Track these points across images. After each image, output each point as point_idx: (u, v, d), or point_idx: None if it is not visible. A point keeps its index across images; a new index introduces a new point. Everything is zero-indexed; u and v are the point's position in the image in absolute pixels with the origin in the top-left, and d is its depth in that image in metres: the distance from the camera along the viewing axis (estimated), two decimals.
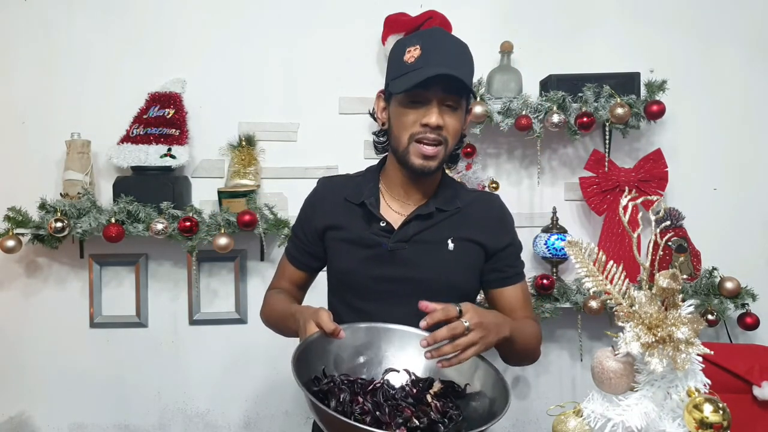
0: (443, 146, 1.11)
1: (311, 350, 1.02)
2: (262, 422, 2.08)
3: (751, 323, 1.92)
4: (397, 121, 1.13)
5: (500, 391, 0.96)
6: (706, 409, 0.68)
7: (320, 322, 1.02)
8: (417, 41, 1.10)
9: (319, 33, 2.07)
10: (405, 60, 1.09)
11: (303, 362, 0.97)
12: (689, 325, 0.71)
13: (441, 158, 1.13)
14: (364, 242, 1.18)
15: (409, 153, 1.12)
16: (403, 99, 1.11)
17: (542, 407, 2.07)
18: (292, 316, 1.13)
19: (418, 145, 1.10)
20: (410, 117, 1.10)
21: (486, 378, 1.03)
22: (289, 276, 1.32)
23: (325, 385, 0.98)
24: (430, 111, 1.08)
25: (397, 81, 1.10)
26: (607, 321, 2.03)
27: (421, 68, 1.06)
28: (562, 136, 2.04)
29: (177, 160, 1.92)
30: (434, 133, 1.09)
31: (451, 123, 1.11)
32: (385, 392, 0.99)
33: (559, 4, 2.10)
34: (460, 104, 1.12)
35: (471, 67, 1.13)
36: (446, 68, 1.05)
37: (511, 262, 1.21)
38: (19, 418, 2.01)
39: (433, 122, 1.08)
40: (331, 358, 1.04)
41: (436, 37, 1.11)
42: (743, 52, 2.09)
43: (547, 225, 2.00)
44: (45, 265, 2.03)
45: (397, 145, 1.14)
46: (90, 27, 2.03)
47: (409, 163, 1.12)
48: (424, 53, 1.08)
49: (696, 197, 2.08)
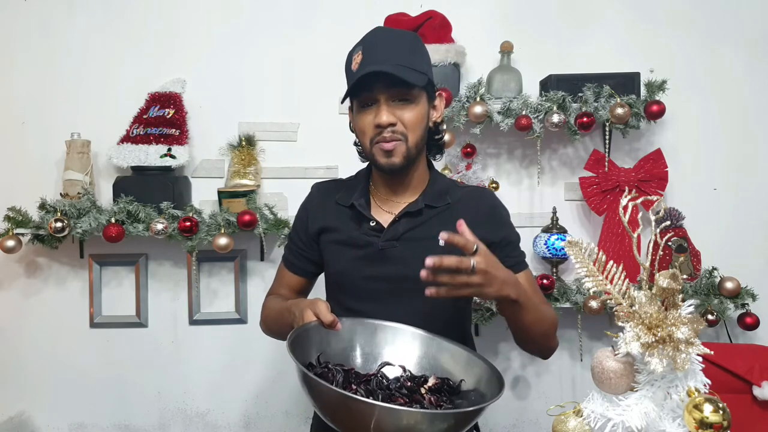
0: (403, 141, 1.12)
1: (307, 336, 1.01)
2: (262, 422, 2.08)
3: (751, 323, 1.92)
4: (358, 128, 1.16)
5: (495, 387, 0.96)
6: (706, 409, 0.68)
7: (318, 312, 1.02)
8: (360, 47, 1.13)
9: (318, 33, 2.07)
10: (352, 68, 1.12)
11: (298, 346, 0.96)
12: (689, 325, 0.71)
13: (403, 153, 1.13)
14: (356, 243, 1.19)
15: (374, 155, 1.14)
16: (356, 105, 1.14)
17: (542, 407, 2.07)
18: (288, 309, 1.13)
19: (378, 145, 1.12)
20: (365, 120, 1.13)
21: (481, 374, 1.03)
22: (287, 282, 1.32)
23: (320, 369, 0.98)
24: (379, 111, 1.10)
25: (347, 92, 1.13)
26: (607, 321, 2.03)
27: (360, 71, 1.08)
28: (562, 136, 2.04)
29: (177, 160, 1.92)
30: (388, 132, 1.10)
31: (406, 116, 1.11)
32: (378, 382, 0.99)
33: (559, 4, 2.10)
34: (411, 96, 1.11)
35: (419, 57, 1.13)
36: (379, 65, 1.06)
37: (508, 253, 1.20)
38: (19, 418, 2.01)
39: (383, 121, 1.09)
40: (327, 348, 1.04)
41: (376, 36, 1.13)
42: (743, 52, 2.09)
43: (547, 225, 2.00)
44: (45, 265, 2.03)
45: (365, 151, 1.17)
46: (90, 27, 2.03)
47: (377, 164, 1.15)
48: (365, 56, 1.09)
49: (696, 197, 2.08)
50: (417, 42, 1.15)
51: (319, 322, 1.03)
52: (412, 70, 1.08)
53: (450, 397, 1.00)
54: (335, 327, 1.03)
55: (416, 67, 1.10)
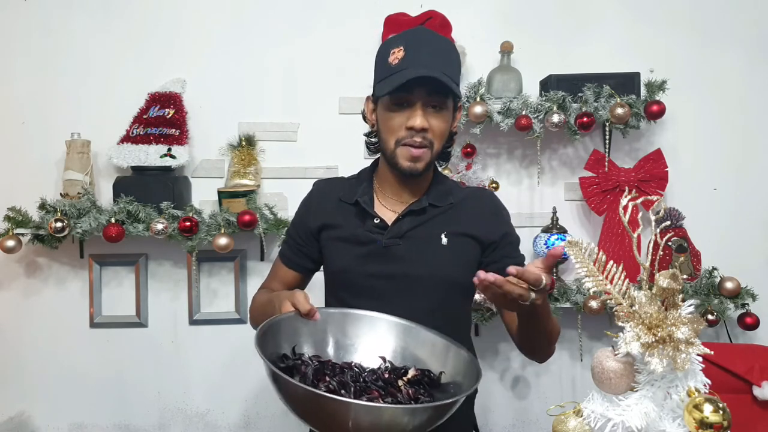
0: (429, 148, 1.12)
1: (280, 328, 0.99)
2: (262, 422, 2.08)
3: (751, 323, 1.92)
4: (384, 124, 1.14)
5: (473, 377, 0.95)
6: (706, 409, 0.68)
7: (295, 301, 1.01)
8: (401, 42, 1.10)
9: (319, 33, 2.07)
10: (389, 62, 1.10)
11: (270, 338, 0.94)
12: (689, 325, 0.71)
13: (428, 160, 1.13)
14: (359, 240, 1.18)
15: (396, 156, 1.13)
16: (388, 102, 1.12)
17: (542, 407, 2.07)
18: (270, 301, 1.12)
19: (405, 148, 1.11)
20: (396, 120, 1.11)
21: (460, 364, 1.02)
22: (281, 277, 1.31)
23: (291, 362, 0.96)
24: (414, 113, 1.09)
25: (381, 84, 1.11)
26: (607, 321, 2.03)
27: (404, 70, 1.06)
28: (562, 136, 2.04)
29: (177, 160, 1.92)
30: (419, 136, 1.10)
31: (436, 124, 1.11)
32: (354, 374, 0.97)
33: (559, 4, 2.10)
34: (445, 105, 1.12)
35: (456, 67, 1.13)
36: (428, 70, 1.05)
37: (508, 253, 1.20)
38: (19, 418, 2.01)
39: (418, 125, 1.08)
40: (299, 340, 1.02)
41: (420, 37, 1.11)
42: (743, 52, 2.09)
43: (547, 225, 2.00)
44: (45, 265, 2.03)
45: (386, 148, 1.15)
46: (90, 27, 2.03)
47: (398, 165, 1.14)
48: (408, 54, 1.07)
49: (696, 197, 2.08)
50: (455, 50, 1.15)
51: (297, 313, 1.01)
52: (451, 80, 1.08)
53: (429, 389, 0.99)
54: (313, 317, 1.01)
55: (453, 76, 1.10)
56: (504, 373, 2.11)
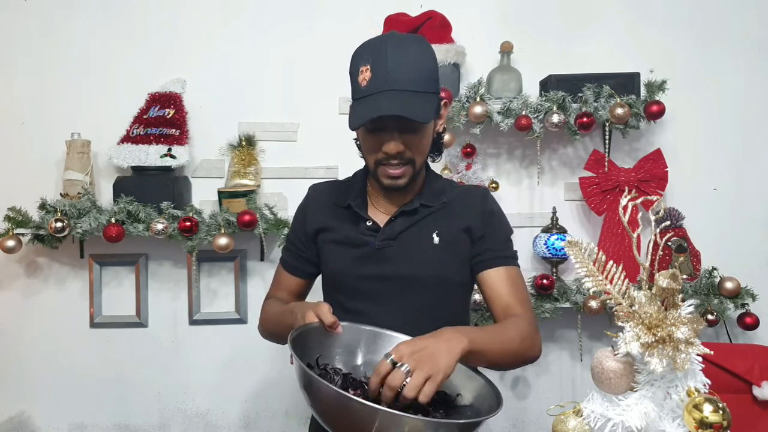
0: (410, 164, 1.12)
1: (307, 337, 1.00)
2: (262, 422, 2.08)
3: (751, 323, 1.92)
4: (363, 143, 1.15)
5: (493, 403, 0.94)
6: (705, 409, 0.68)
7: (320, 313, 1.02)
8: (368, 59, 1.07)
9: (318, 33, 2.07)
10: (359, 81, 1.08)
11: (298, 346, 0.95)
12: (689, 325, 0.71)
13: (410, 174, 1.13)
14: (353, 242, 1.19)
15: (378, 174, 1.14)
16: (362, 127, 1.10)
17: (542, 407, 2.07)
18: (290, 311, 1.12)
19: (384, 167, 1.12)
20: (372, 143, 1.12)
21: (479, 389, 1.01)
22: (286, 285, 1.32)
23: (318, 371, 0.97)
24: (389, 139, 1.08)
25: (353, 107, 1.09)
26: (607, 321, 2.03)
27: (372, 95, 1.04)
28: (562, 136, 2.04)
29: (177, 160, 1.92)
30: (396, 159, 1.10)
31: (414, 143, 1.10)
32: None
33: (559, 4, 2.10)
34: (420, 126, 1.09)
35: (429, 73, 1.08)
36: (391, 104, 1.02)
37: (492, 245, 1.18)
38: (19, 418, 2.01)
39: (392, 150, 1.08)
40: (327, 352, 1.03)
41: (385, 54, 1.05)
42: (743, 52, 2.09)
43: (547, 225, 2.00)
44: (45, 265, 2.03)
45: (368, 165, 1.17)
46: (90, 27, 2.03)
47: (379, 182, 1.15)
48: (374, 76, 1.05)
49: (696, 197, 2.08)
50: (427, 54, 1.09)
51: (321, 324, 1.02)
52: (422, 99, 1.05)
53: (446, 410, 0.99)
54: (335, 329, 1.03)
55: (427, 87, 1.06)
56: (504, 373, 2.11)
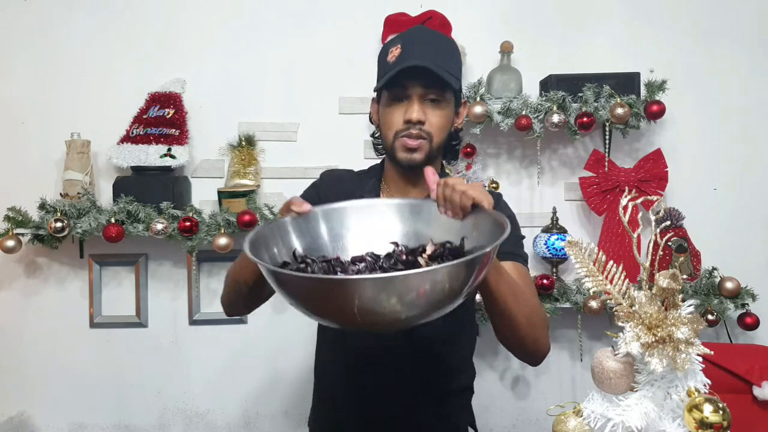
0: (427, 140, 1.13)
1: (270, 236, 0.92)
2: (262, 422, 2.08)
3: (751, 323, 1.92)
4: (384, 120, 1.17)
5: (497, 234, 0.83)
6: (706, 409, 0.68)
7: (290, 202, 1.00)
8: (399, 41, 1.13)
9: (318, 33, 2.07)
10: (388, 60, 1.12)
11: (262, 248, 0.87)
12: (689, 325, 0.71)
13: (426, 151, 1.13)
14: None
15: (395, 149, 1.14)
16: (386, 98, 1.15)
17: (542, 407, 2.07)
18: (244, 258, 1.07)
19: (402, 139, 1.13)
20: (394, 115, 1.13)
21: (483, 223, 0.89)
22: None
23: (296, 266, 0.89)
24: (411, 107, 1.11)
25: (379, 81, 1.14)
26: (607, 321, 2.03)
27: (400, 63, 1.09)
28: (562, 136, 2.04)
29: (177, 160, 1.92)
30: (416, 129, 1.11)
31: (434, 118, 1.12)
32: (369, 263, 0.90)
33: (559, 4, 2.10)
34: (444, 98, 1.13)
35: (454, 62, 1.15)
36: (420, 61, 1.07)
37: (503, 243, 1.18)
38: (19, 418, 2.01)
39: (414, 117, 1.10)
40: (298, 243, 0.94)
41: (417, 34, 1.14)
42: (743, 51, 2.09)
43: (547, 225, 2.00)
44: (45, 265, 2.03)
45: (386, 144, 1.17)
46: (90, 27, 2.03)
47: (397, 158, 1.15)
48: (404, 50, 1.10)
49: (696, 197, 2.08)
50: (454, 47, 1.17)
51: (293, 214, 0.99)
52: (448, 75, 1.09)
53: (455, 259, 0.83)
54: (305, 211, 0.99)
55: (451, 70, 1.12)
56: (504, 373, 2.11)
